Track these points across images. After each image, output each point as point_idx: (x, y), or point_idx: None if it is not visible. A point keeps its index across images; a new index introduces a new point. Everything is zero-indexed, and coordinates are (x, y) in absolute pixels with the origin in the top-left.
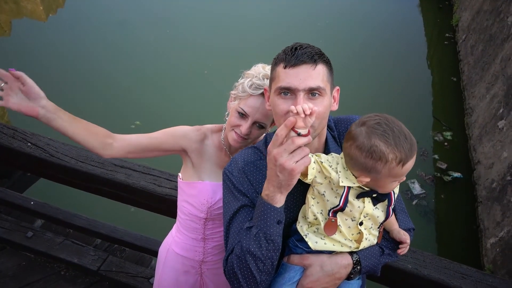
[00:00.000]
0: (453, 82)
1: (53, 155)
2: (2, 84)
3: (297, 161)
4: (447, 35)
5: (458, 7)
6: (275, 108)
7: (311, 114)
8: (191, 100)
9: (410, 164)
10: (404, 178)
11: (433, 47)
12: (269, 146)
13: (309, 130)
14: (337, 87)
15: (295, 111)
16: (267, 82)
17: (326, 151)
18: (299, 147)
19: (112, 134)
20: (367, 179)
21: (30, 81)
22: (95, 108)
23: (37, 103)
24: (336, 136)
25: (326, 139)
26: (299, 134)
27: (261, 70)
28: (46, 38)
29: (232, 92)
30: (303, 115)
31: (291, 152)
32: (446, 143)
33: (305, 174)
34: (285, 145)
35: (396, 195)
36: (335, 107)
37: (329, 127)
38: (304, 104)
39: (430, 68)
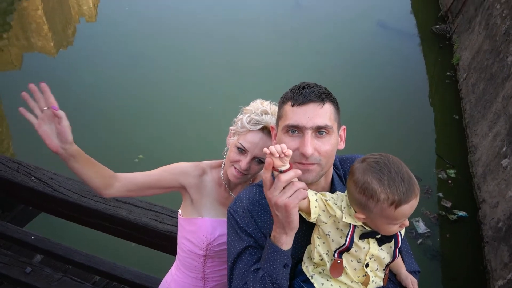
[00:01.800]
0: (455, 120)
1: (56, 190)
2: (45, 108)
3: (289, 196)
4: (448, 73)
5: (458, 47)
6: None
7: (285, 154)
8: (195, 134)
9: (405, 208)
10: (407, 223)
11: (434, 85)
12: (264, 191)
13: (290, 164)
14: (344, 126)
15: (268, 152)
16: (265, 117)
17: (332, 190)
18: (290, 182)
19: (116, 174)
20: (362, 216)
21: (66, 124)
22: (99, 140)
23: (61, 144)
24: (342, 175)
25: (332, 178)
26: (281, 171)
27: (260, 106)
28: (55, 73)
29: (231, 128)
30: (277, 155)
31: (282, 189)
32: (450, 181)
33: (308, 212)
34: (274, 185)
35: (402, 236)
36: (341, 146)
37: (335, 166)
38: (277, 145)
39: (432, 106)
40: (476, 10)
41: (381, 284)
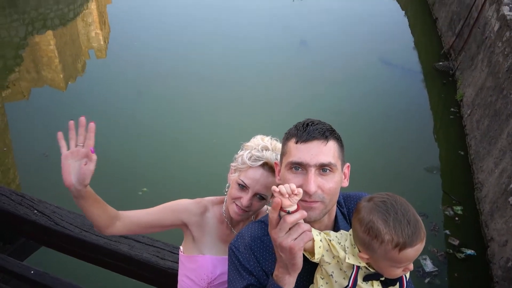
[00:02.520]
0: (460, 156)
1: (58, 223)
2: (80, 145)
3: (295, 239)
4: (452, 109)
5: (461, 83)
6: (286, 182)
7: (295, 193)
8: (199, 167)
9: (410, 252)
10: (411, 268)
11: (439, 121)
12: (268, 229)
13: (298, 205)
14: (348, 164)
15: (277, 191)
16: (266, 153)
17: (336, 228)
18: (296, 224)
19: (119, 213)
20: (366, 256)
21: (92, 169)
22: (103, 173)
23: (77, 185)
24: (346, 212)
25: (336, 215)
26: (288, 212)
27: (260, 141)
28: (63, 105)
29: (232, 164)
30: (286, 196)
31: (288, 231)
32: (457, 218)
33: (312, 252)
34: (279, 225)
35: (407, 279)
36: (345, 183)
37: (338, 203)
38: (286, 185)
39: (437, 141)
40: (478, 48)
41: None
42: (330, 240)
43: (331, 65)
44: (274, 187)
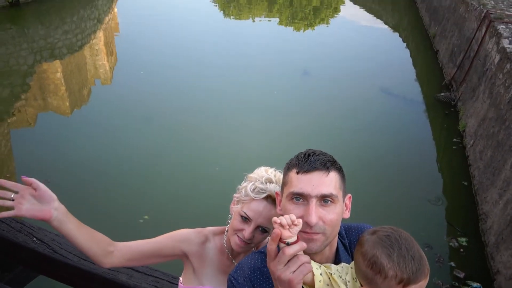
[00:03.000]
0: (464, 186)
1: (56, 251)
2: (12, 195)
3: (293, 271)
4: (454, 139)
5: (463, 114)
6: (286, 213)
7: (295, 223)
8: (201, 195)
9: None
10: None
11: (441, 151)
12: (267, 261)
13: (298, 237)
14: (349, 195)
15: (278, 222)
16: (269, 186)
17: (337, 259)
18: (294, 255)
19: (114, 242)
20: None
21: (42, 186)
22: (105, 201)
23: (50, 206)
24: (347, 244)
25: (337, 247)
26: (288, 244)
27: (264, 173)
28: (67, 131)
29: (235, 195)
30: (287, 227)
31: (286, 263)
32: (461, 250)
33: (312, 286)
34: (278, 258)
35: None
36: (347, 214)
37: (340, 234)
38: (287, 216)
39: (441, 172)
40: (479, 80)
41: None
42: (331, 274)
43: (334, 96)
44: (274, 218)
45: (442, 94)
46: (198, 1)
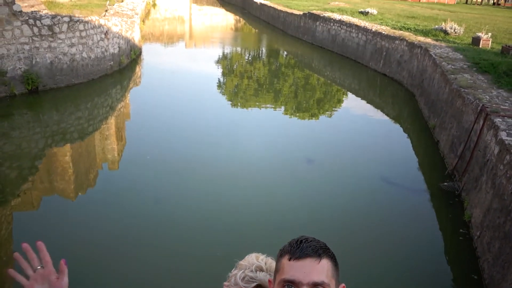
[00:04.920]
0: (474, 280)
1: None
2: (38, 268)
3: None
4: (461, 230)
5: (468, 204)
6: None
7: None
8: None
9: None
10: None
11: (448, 243)
12: None
13: None
14: (343, 284)
15: None
16: (259, 275)
17: None
18: None
19: None
20: None
21: (66, 280)
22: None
23: None
24: None
25: None
26: None
27: (255, 261)
28: (71, 216)
29: (225, 283)
30: None
31: None
32: None
33: None
34: None
35: None
36: None
37: None
38: None
39: (449, 264)
40: (481, 170)
41: None
42: None
43: (336, 185)
44: None
45: (446, 183)
46: (206, 91)
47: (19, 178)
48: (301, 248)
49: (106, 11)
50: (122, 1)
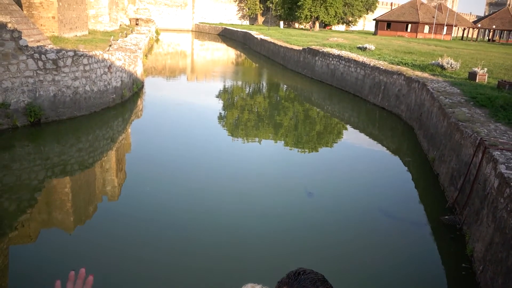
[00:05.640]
0: None
1: None
2: None
3: None
4: (463, 265)
5: (470, 238)
6: None
7: None
8: None
9: None
10: None
11: (452, 278)
12: None
13: None
14: None
15: None
16: None
17: None
18: None
19: None
20: None
21: None
22: None
23: None
24: None
25: None
26: None
27: None
28: (69, 248)
29: None
30: None
31: None
32: None
33: None
34: None
35: None
36: None
37: None
38: None
39: None
40: (482, 203)
41: None
42: None
43: (337, 218)
44: None
45: (447, 217)
46: (207, 123)
47: (18, 210)
48: (298, 280)
49: (110, 45)
50: (126, 36)
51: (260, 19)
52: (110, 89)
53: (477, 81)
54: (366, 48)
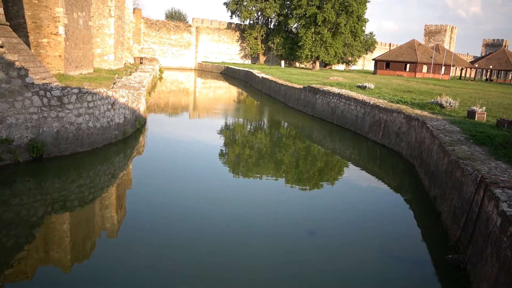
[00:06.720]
0: None
1: None
2: None
3: None
4: None
5: (474, 277)
6: None
7: None
8: None
9: None
10: None
11: None
12: None
13: None
14: None
15: None
16: None
17: None
18: None
19: None
20: None
21: None
22: None
23: None
24: None
25: None
26: None
27: None
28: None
29: None
30: None
31: None
32: None
33: None
34: None
35: None
36: None
37: None
38: None
39: None
40: (485, 242)
41: None
42: None
43: (338, 258)
44: None
45: (450, 256)
46: (208, 160)
47: (15, 246)
48: None
49: (114, 83)
50: (130, 75)
51: (262, 58)
52: (112, 126)
53: (476, 119)
54: (366, 86)
